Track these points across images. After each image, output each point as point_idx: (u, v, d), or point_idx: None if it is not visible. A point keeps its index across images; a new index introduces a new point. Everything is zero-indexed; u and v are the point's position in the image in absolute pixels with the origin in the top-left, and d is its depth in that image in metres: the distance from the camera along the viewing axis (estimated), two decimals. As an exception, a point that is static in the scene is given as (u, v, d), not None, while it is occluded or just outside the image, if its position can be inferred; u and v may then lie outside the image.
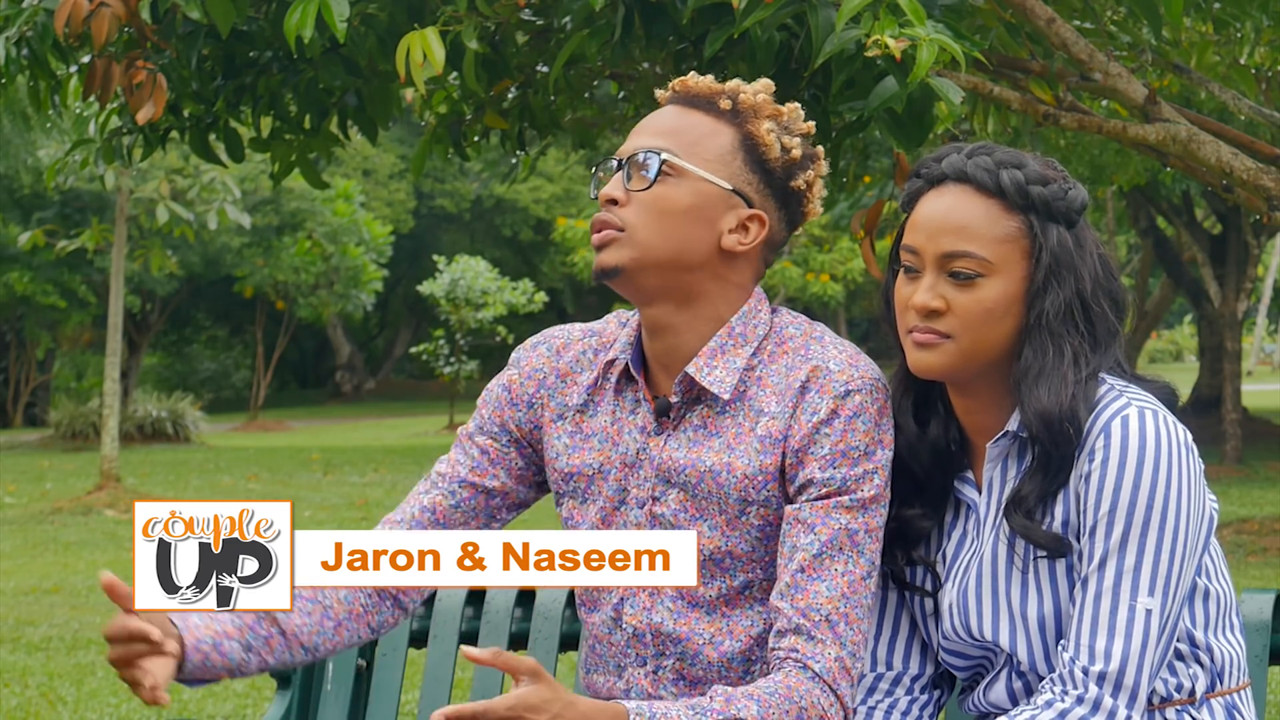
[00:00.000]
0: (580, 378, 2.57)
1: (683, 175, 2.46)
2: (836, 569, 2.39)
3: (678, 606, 2.50)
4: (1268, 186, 4.13)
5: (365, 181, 35.80)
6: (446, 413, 31.01)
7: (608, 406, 2.54)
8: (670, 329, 2.49)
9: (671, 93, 2.53)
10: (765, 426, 2.45)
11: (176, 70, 4.68)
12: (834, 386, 2.43)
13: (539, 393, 2.58)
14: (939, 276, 2.38)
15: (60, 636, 9.18)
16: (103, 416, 16.50)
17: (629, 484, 2.51)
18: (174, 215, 16.90)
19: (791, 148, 2.50)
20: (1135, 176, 13.20)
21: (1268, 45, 5.65)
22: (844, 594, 2.38)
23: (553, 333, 2.64)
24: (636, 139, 2.50)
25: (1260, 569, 11.39)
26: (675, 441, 2.48)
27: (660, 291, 2.47)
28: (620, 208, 2.47)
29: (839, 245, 34.07)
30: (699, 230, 2.46)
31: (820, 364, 2.45)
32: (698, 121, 2.49)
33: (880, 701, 2.53)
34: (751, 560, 2.47)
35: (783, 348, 2.49)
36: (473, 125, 5.19)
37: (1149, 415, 2.31)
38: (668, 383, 2.51)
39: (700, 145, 2.47)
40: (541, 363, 2.60)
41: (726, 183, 2.47)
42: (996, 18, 4.20)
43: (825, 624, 2.37)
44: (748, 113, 2.49)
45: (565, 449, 2.55)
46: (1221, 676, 2.41)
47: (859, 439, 2.42)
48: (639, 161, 2.47)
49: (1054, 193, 2.37)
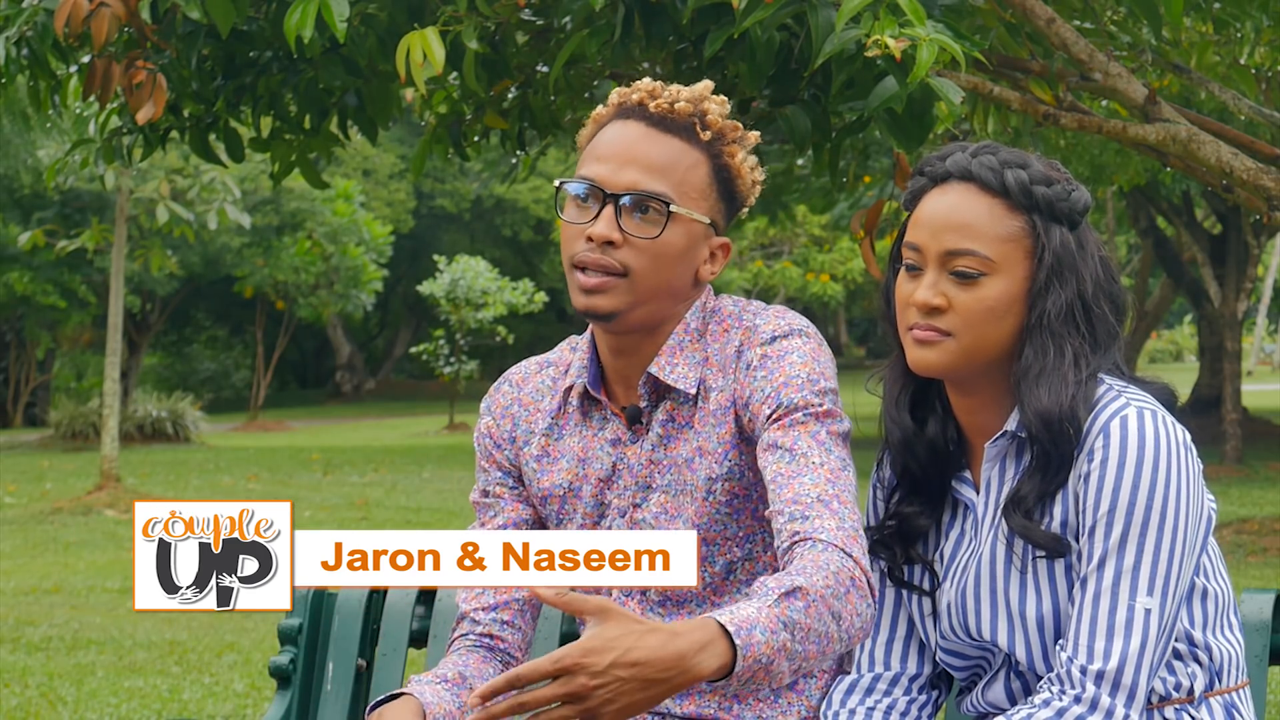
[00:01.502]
0: (542, 404, 2.61)
1: (679, 220, 2.46)
2: (813, 463, 2.38)
3: (666, 609, 2.51)
4: (1268, 186, 4.13)
5: (365, 181, 35.79)
6: (446, 413, 30.99)
7: (574, 429, 2.57)
8: (636, 348, 2.52)
9: (639, 108, 2.48)
10: (716, 400, 2.48)
11: (176, 70, 4.68)
12: (760, 337, 2.47)
13: (513, 427, 2.62)
14: (941, 274, 2.38)
15: (60, 636, 9.18)
16: (103, 416, 16.50)
17: (607, 497, 2.54)
18: (174, 215, 16.90)
19: (754, 169, 2.52)
20: (1135, 176, 13.20)
21: (1268, 45, 5.65)
22: (828, 479, 2.37)
23: (510, 372, 2.68)
24: (624, 172, 2.45)
25: (1260, 569, 11.39)
26: (649, 444, 2.51)
27: (639, 324, 2.49)
28: (616, 250, 2.44)
29: (839, 245, 34.08)
30: (685, 267, 2.49)
31: (749, 326, 2.49)
32: (679, 153, 2.46)
33: (879, 702, 2.53)
34: (725, 539, 2.49)
35: (722, 325, 2.53)
36: (473, 125, 5.19)
37: (1148, 415, 2.32)
38: (628, 393, 2.53)
39: (688, 184, 2.46)
40: (507, 400, 2.64)
41: (706, 217, 2.49)
42: (996, 18, 4.20)
43: (818, 503, 2.35)
44: (719, 140, 2.48)
45: (534, 472, 2.59)
46: (1220, 675, 2.41)
47: (796, 370, 2.43)
48: (639, 206, 2.44)
49: (1058, 193, 2.38)
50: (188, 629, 9.45)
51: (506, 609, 2.59)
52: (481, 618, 2.59)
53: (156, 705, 7.38)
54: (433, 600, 3.08)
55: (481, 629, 2.58)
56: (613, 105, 2.51)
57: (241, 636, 9.19)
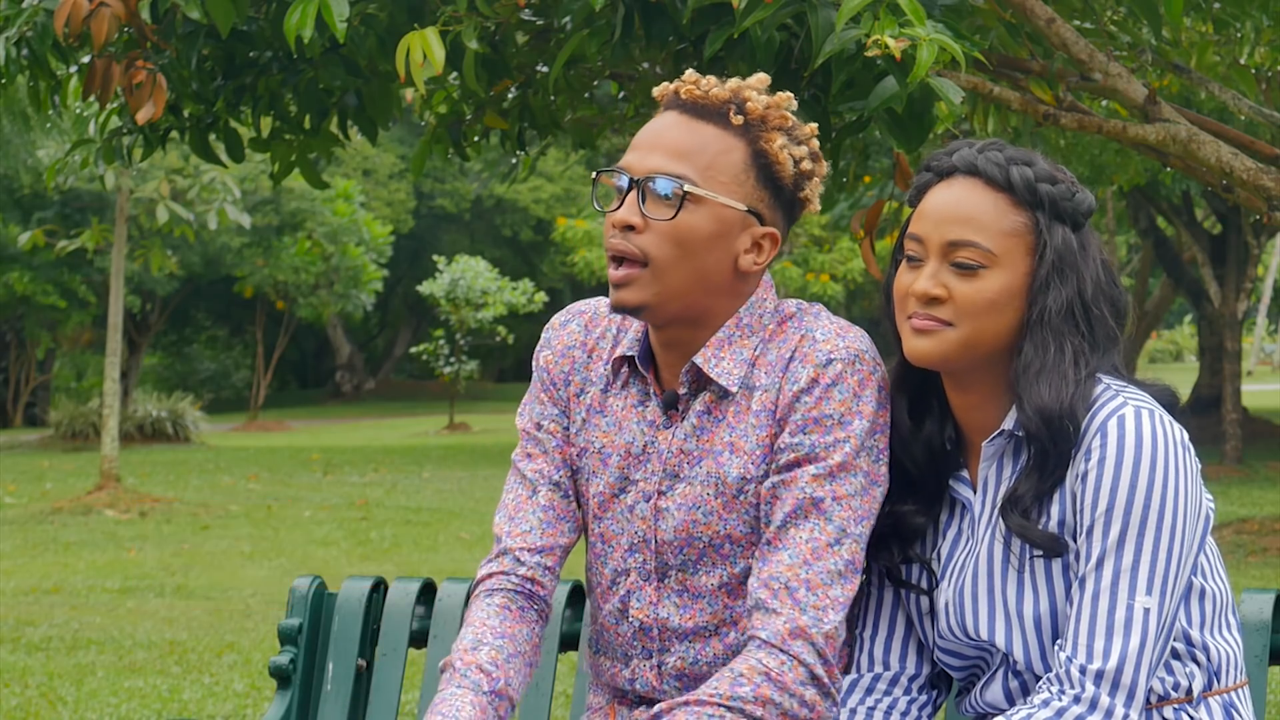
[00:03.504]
0: (604, 353, 2.58)
1: (702, 203, 2.42)
2: (800, 536, 2.38)
3: (683, 600, 2.50)
4: (1268, 186, 4.13)
5: (365, 181, 35.80)
6: (446, 413, 31.00)
7: (619, 393, 2.55)
8: (683, 342, 2.50)
9: (674, 97, 2.47)
10: (759, 400, 2.45)
11: (176, 70, 4.68)
12: (816, 355, 2.43)
13: (571, 369, 2.59)
14: (942, 265, 2.38)
15: (60, 636, 9.17)
16: (103, 416, 16.50)
17: (632, 474, 2.52)
18: (174, 215, 16.91)
19: (801, 159, 2.46)
20: (1135, 176, 13.19)
21: (1268, 45, 5.65)
22: (805, 560, 2.36)
23: (580, 308, 2.64)
24: (650, 157, 2.44)
25: (1260, 569, 11.39)
26: (682, 432, 2.49)
27: (677, 316, 2.47)
28: (638, 235, 2.42)
29: (839, 245, 34.07)
30: (717, 256, 2.44)
31: (808, 333, 2.46)
32: (709, 138, 2.44)
33: (879, 701, 2.53)
34: (751, 543, 2.47)
35: (782, 327, 2.49)
36: (473, 125, 5.19)
37: (1145, 415, 2.32)
38: (672, 378, 2.52)
39: (716, 167, 2.43)
40: (572, 339, 2.61)
41: (742, 204, 2.44)
42: (996, 18, 4.20)
43: (784, 591, 2.35)
44: (758, 125, 2.45)
45: (581, 422, 2.56)
46: (1219, 675, 2.41)
47: (833, 407, 2.41)
48: (658, 189, 2.42)
49: (1062, 192, 2.38)
50: (188, 629, 9.46)
51: (550, 554, 2.53)
52: (527, 559, 2.52)
53: (156, 705, 7.38)
54: (433, 600, 3.08)
55: (525, 570, 2.52)
56: (658, 100, 2.51)
57: (241, 637, 9.19)
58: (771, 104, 2.46)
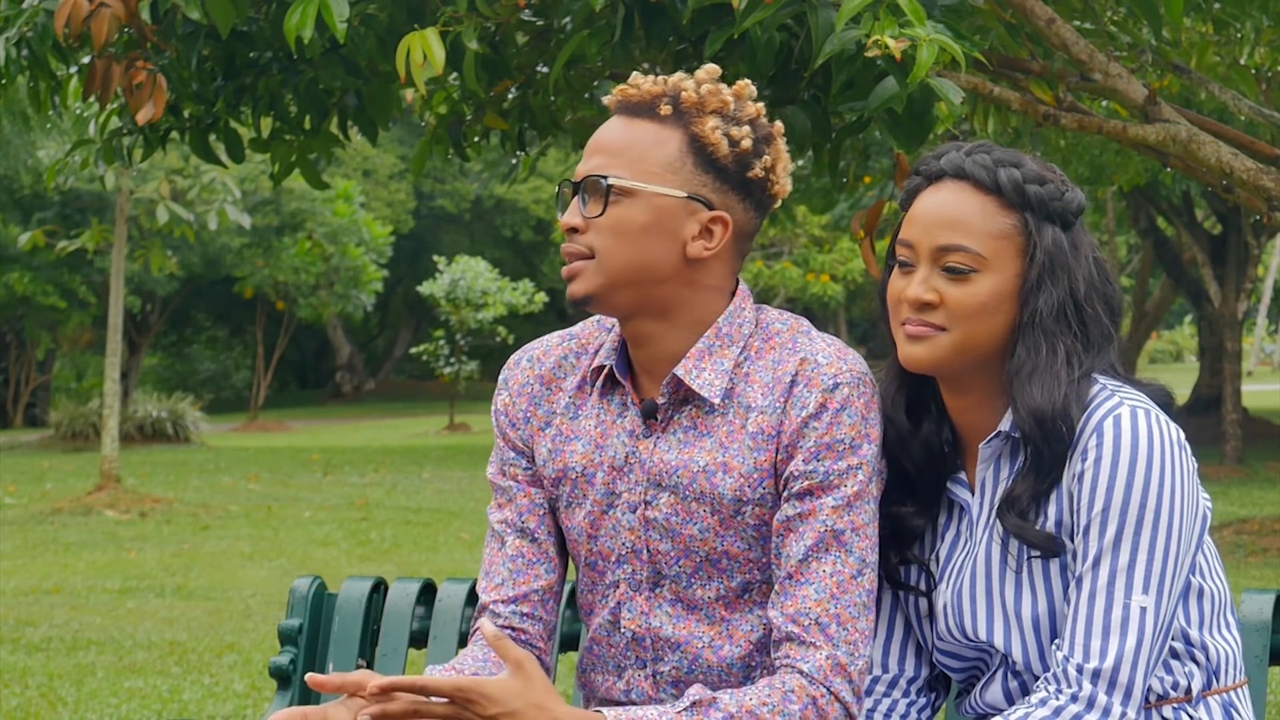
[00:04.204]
0: (564, 383, 2.59)
1: (634, 194, 2.44)
2: (824, 570, 2.39)
3: (676, 610, 2.50)
4: (1268, 186, 4.13)
5: (365, 181, 35.80)
6: (446, 413, 31.00)
7: (592, 410, 2.55)
8: (651, 338, 2.50)
9: (615, 102, 2.51)
10: (756, 422, 2.45)
11: (176, 70, 4.68)
12: (822, 380, 2.43)
13: (530, 406, 2.60)
14: (933, 270, 2.38)
15: (60, 636, 9.18)
16: (103, 417, 16.50)
17: (618, 487, 2.52)
18: (174, 215, 16.91)
19: (740, 139, 2.46)
20: (1135, 176, 13.20)
21: (1268, 45, 5.65)
22: (832, 594, 2.38)
23: (531, 346, 2.66)
24: (587, 160, 2.49)
25: (1260, 569, 11.39)
26: (665, 444, 2.49)
27: (635, 307, 2.48)
28: (582, 235, 2.46)
29: (839, 245, 34.07)
30: (661, 244, 2.45)
31: (808, 356, 2.46)
32: (643, 132, 2.46)
33: (878, 704, 2.53)
34: (749, 561, 2.47)
35: (769, 343, 2.50)
36: (473, 125, 5.19)
37: (1141, 414, 2.32)
38: (653, 386, 2.51)
39: (646, 158, 2.45)
40: (525, 377, 2.62)
41: (681, 191, 2.45)
42: (996, 18, 4.20)
43: (815, 627, 2.37)
44: (691, 112, 2.46)
45: (550, 453, 2.57)
46: (1218, 674, 2.41)
47: (844, 432, 2.42)
48: (590, 186, 2.46)
49: (1050, 192, 2.38)
50: (188, 629, 9.46)
51: (526, 601, 2.57)
52: (502, 610, 2.56)
53: (156, 705, 7.38)
54: (433, 600, 3.08)
55: (502, 622, 2.56)
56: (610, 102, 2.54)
57: (241, 637, 9.19)
58: (709, 90, 2.47)
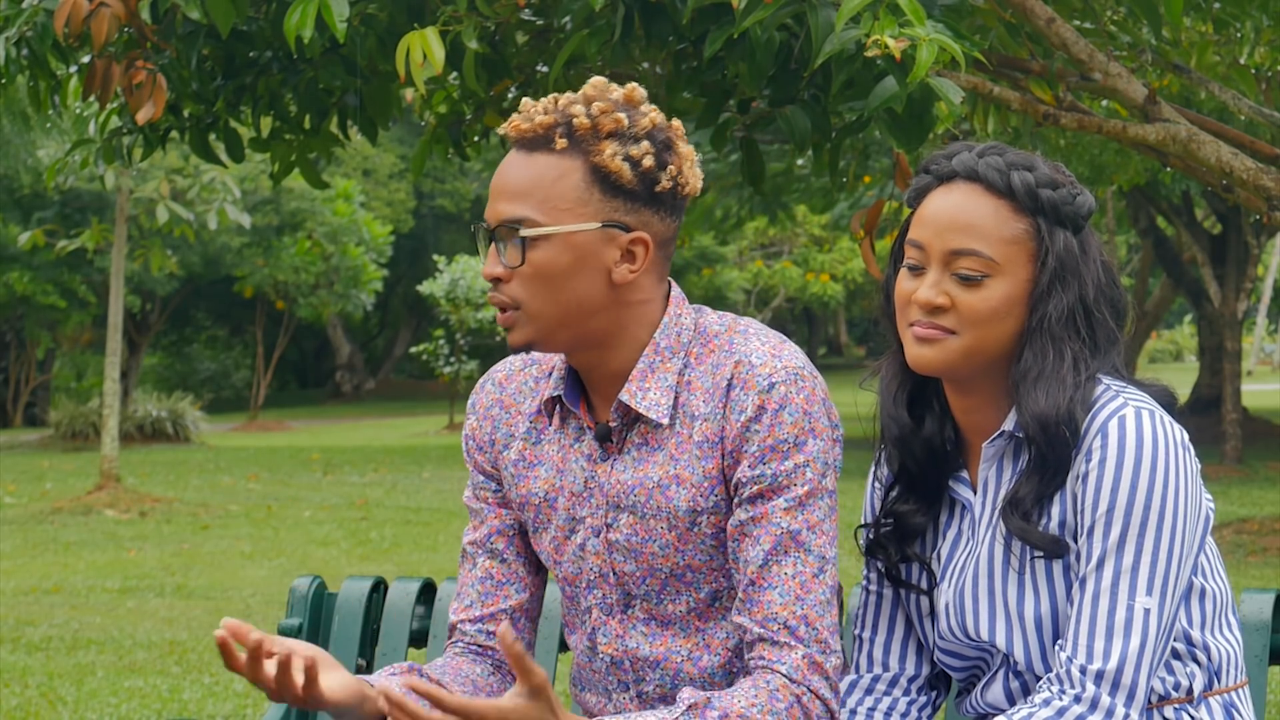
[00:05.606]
0: (523, 406, 2.57)
1: (550, 238, 2.37)
2: (786, 573, 2.37)
3: (650, 629, 2.50)
4: (1268, 186, 4.13)
5: (365, 181, 35.80)
6: (446, 413, 31.00)
7: (554, 436, 2.54)
8: (595, 365, 2.47)
9: (509, 137, 2.43)
10: (701, 430, 2.43)
11: (176, 70, 4.68)
12: (757, 381, 2.39)
13: (493, 430, 2.59)
14: (944, 273, 2.37)
15: (60, 636, 9.18)
16: (103, 416, 16.50)
17: (579, 513, 2.50)
18: (174, 215, 16.90)
19: (641, 158, 2.39)
20: (1135, 176, 13.20)
21: (1268, 45, 5.65)
22: (797, 596, 2.37)
23: (495, 369, 2.64)
24: (494, 203, 2.41)
25: (1260, 569, 11.39)
26: (621, 464, 2.47)
27: (574, 343, 2.44)
28: (507, 285, 2.40)
29: (839, 245, 34.06)
30: (587, 279, 2.39)
31: (742, 358, 2.42)
32: (544, 167, 2.38)
33: (878, 702, 2.53)
34: (712, 569, 2.46)
35: (708, 347, 2.46)
36: (473, 125, 5.20)
37: (1145, 415, 2.32)
38: (606, 408, 2.49)
39: (553, 196, 2.37)
40: (489, 400, 2.61)
41: (594, 221, 2.38)
42: (996, 18, 4.20)
43: (785, 630, 2.36)
44: (587, 140, 2.38)
45: (513, 477, 2.56)
46: (1219, 675, 2.41)
47: (787, 431, 2.38)
48: (505, 235, 2.39)
49: (1063, 197, 2.37)
50: (188, 629, 9.46)
51: (494, 620, 2.57)
52: (469, 629, 2.58)
53: (156, 705, 7.38)
54: (433, 600, 3.08)
55: (469, 640, 2.58)
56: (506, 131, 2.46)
57: (241, 636, 9.18)
58: (601, 110, 2.39)
